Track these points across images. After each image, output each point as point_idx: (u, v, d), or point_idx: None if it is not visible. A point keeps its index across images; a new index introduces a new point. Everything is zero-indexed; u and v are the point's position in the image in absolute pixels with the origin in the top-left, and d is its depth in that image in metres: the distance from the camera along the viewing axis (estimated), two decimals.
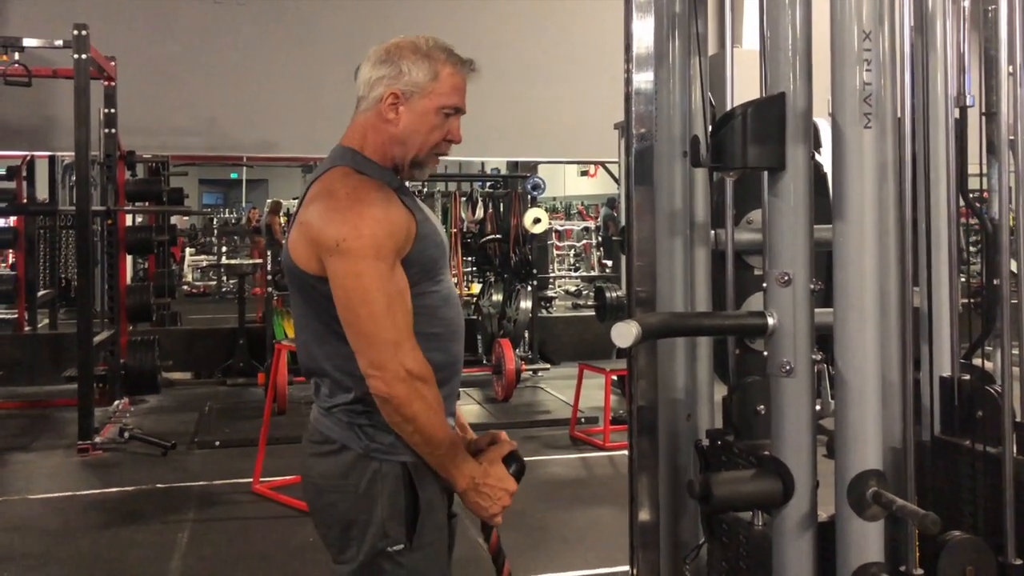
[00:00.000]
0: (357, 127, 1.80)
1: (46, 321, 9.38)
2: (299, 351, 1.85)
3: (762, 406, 1.75)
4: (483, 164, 10.49)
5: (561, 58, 8.62)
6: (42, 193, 9.74)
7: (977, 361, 1.82)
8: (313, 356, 1.79)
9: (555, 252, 12.60)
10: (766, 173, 1.53)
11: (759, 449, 1.64)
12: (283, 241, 1.83)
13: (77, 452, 5.51)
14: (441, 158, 1.86)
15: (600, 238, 13.84)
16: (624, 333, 1.43)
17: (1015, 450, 1.62)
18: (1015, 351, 1.71)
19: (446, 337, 1.79)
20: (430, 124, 1.75)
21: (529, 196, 8.33)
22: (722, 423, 1.85)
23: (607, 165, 9.91)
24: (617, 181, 8.12)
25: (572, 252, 14.21)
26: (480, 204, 9.16)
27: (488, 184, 9.29)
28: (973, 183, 1.97)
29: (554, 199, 18.00)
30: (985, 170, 1.93)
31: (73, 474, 5.22)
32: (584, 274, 12.96)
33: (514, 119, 8.55)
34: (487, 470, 1.75)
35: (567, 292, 12.52)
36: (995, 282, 1.78)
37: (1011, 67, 1.78)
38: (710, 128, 1.67)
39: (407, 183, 1.87)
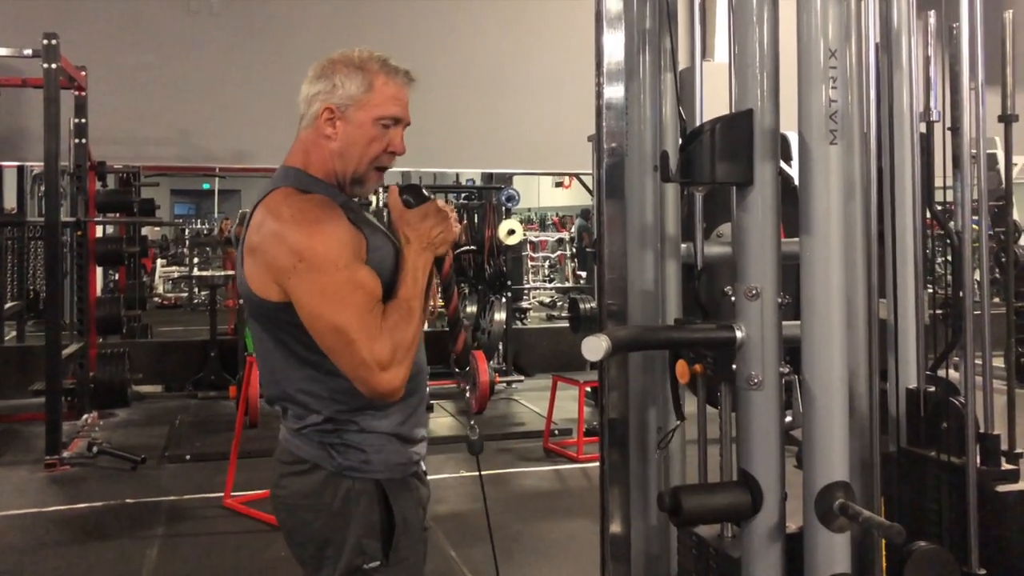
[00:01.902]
0: (299, 145, 1.79)
1: (13, 334, 9.24)
2: (263, 378, 1.82)
3: (730, 287, 1.73)
4: (457, 175, 10.49)
5: (535, 70, 8.65)
6: (10, 203, 9.62)
7: (943, 372, 1.85)
8: (277, 382, 1.77)
9: (529, 263, 12.61)
10: (734, 188, 1.55)
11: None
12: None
13: (44, 467, 5.41)
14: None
15: (574, 249, 13.89)
16: (594, 347, 1.44)
17: (979, 461, 1.64)
18: (978, 362, 1.74)
19: None
20: (368, 136, 1.74)
21: (503, 207, 8.34)
22: (691, 309, 1.82)
23: (581, 176, 9.95)
24: (591, 192, 8.16)
25: (546, 263, 14.25)
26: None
27: (462, 195, 9.30)
28: (940, 196, 2.00)
29: (529, 210, 18.04)
30: (951, 184, 1.96)
31: (40, 490, 5.13)
32: (558, 285, 12.99)
33: (489, 131, 8.57)
34: (411, 225, 1.74)
35: (541, 303, 12.55)
36: (961, 294, 1.81)
37: (973, 83, 1.81)
38: (680, 142, 1.69)
39: (354, 198, 1.84)
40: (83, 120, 6.70)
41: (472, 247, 8.31)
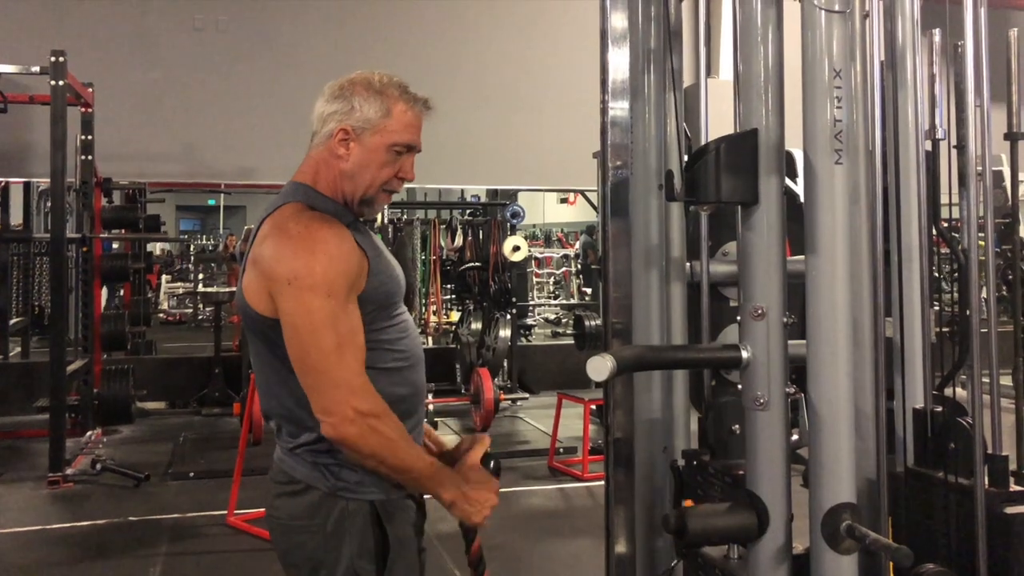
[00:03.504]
0: (310, 162, 1.78)
1: (18, 349, 9.25)
2: (259, 393, 1.82)
3: (737, 426, 1.74)
4: (463, 191, 10.51)
5: (541, 87, 8.68)
6: (16, 219, 9.65)
7: (950, 391, 1.83)
8: (274, 396, 1.76)
9: (534, 279, 12.62)
10: (740, 207, 1.54)
11: (733, 469, 1.64)
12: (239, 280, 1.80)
13: (47, 484, 5.40)
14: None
15: (579, 265, 13.89)
16: (599, 367, 1.43)
17: (987, 482, 1.63)
18: (986, 381, 1.72)
19: (407, 369, 1.78)
20: (380, 161, 1.74)
21: (509, 224, 8.34)
22: (698, 444, 1.84)
23: (586, 193, 9.96)
24: (596, 209, 8.16)
25: (551, 279, 14.25)
26: (460, 232, 9.17)
27: (468, 211, 9.31)
28: (947, 214, 1.99)
29: (534, 226, 18.06)
30: (957, 201, 1.95)
31: (43, 507, 5.12)
32: (563, 302, 12.99)
33: (494, 147, 8.59)
34: (468, 477, 1.74)
35: (546, 320, 12.53)
36: (967, 313, 1.80)
37: (978, 101, 1.80)
38: (685, 158, 1.69)
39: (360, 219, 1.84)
40: (89, 137, 6.74)
41: (477, 263, 8.31)
